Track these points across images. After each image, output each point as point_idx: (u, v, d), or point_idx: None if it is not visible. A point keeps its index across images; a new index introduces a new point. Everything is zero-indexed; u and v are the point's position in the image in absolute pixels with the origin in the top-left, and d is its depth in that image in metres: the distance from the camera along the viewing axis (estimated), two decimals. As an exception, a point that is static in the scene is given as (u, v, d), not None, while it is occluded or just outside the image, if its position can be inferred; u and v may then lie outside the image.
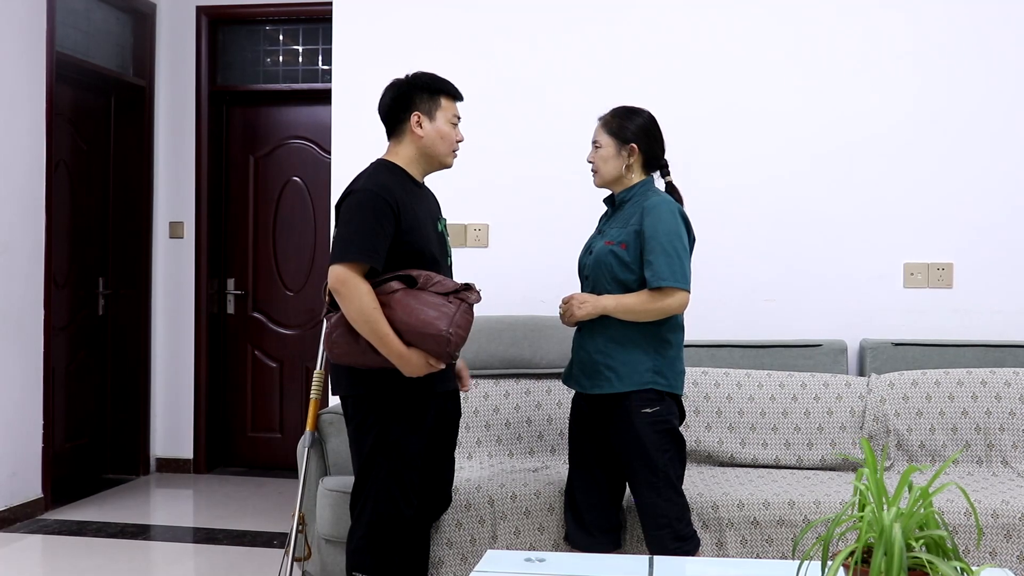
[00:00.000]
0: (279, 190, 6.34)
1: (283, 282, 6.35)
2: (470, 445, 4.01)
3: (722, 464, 3.97)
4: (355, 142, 4.62)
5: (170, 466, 6.31)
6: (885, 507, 1.90)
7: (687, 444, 3.92)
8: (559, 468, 3.81)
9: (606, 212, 3.46)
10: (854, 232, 4.42)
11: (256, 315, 6.39)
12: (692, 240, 3.26)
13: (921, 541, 1.91)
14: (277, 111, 6.41)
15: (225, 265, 6.43)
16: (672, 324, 3.24)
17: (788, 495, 3.48)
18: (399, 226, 3.04)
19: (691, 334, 4.33)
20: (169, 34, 6.31)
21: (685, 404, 3.99)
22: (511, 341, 4.16)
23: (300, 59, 6.33)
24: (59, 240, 5.56)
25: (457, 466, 3.81)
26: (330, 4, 4.79)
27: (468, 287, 3.10)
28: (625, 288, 3.18)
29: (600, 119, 3.36)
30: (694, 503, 3.44)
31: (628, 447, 3.18)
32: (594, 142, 3.34)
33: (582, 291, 3.34)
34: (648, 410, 3.15)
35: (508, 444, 4.03)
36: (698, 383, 4.07)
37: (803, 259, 4.45)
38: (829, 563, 1.86)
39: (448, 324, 2.96)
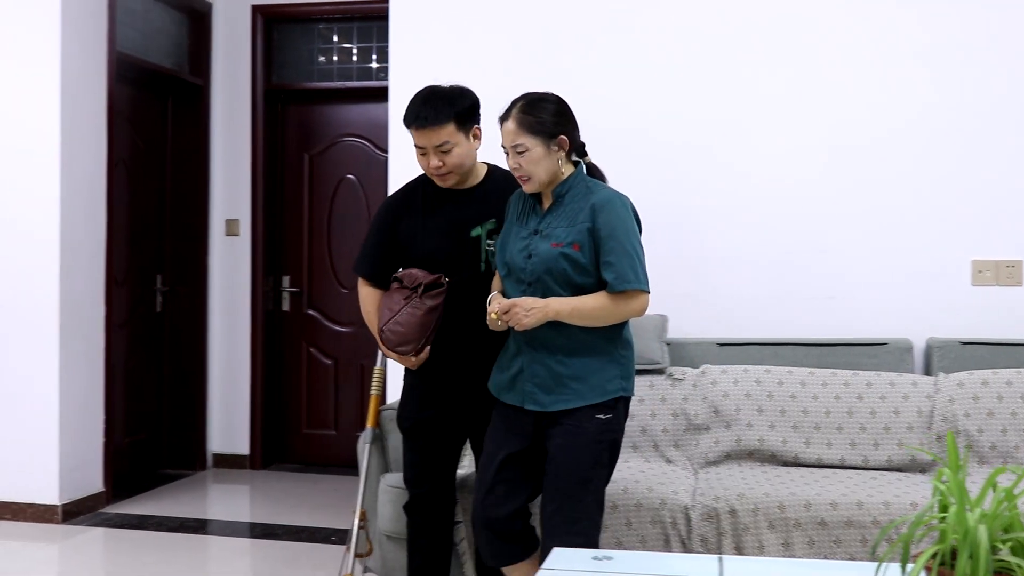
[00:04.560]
0: (333, 188, 6.37)
1: (338, 280, 6.37)
2: (530, 443, 3.99)
3: (786, 464, 3.91)
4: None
5: (226, 462, 6.36)
6: (968, 508, 1.85)
7: (750, 443, 3.90)
8: (620, 466, 3.75)
9: (527, 206, 3.07)
10: (919, 228, 4.34)
11: (311, 312, 6.42)
12: (640, 232, 3.03)
13: (1008, 543, 1.86)
14: (331, 109, 6.43)
15: (280, 263, 6.47)
16: (628, 324, 3.05)
17: (856, 496, 3.42)
18: (397, 235, 3.28)
19: (753, 332, 4.33)
20: (225, 33, 6.37)
21: (748, 403, 3.96)
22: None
23: (354, 57, 6.35)
24: (118, 238, 5.62)
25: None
26: (384, 2, 4.79)
27: (430, 284, 3.14)
28: (580, 292, 2.92)
29: (508, 119, 2.97)
30: (760, 503, 3.40)
31: (565, 453, 2.93)
32: (514, 147, 2.94)
33: (511, 296, 2.98)
34: (602, 416, 2.94)
35: (568, 442, 4.00)
36: (761, 381, 4.02)
37: (866, 256, 4.37)
38: (910, 565, 1.82)
39: (384, 322, 3.15)
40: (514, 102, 3.01)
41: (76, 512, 5.08)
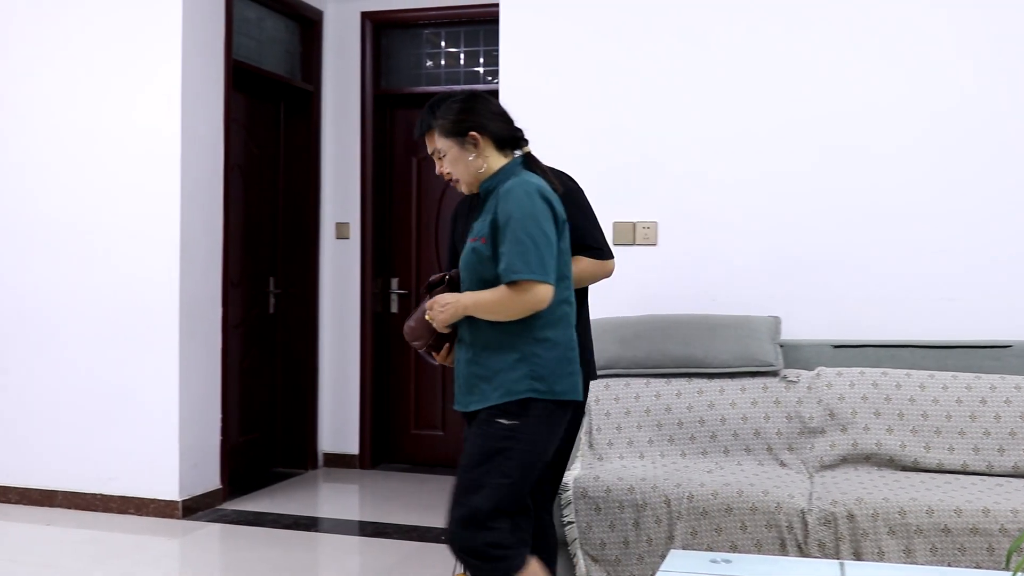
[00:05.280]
0: (441, 191, 6.43)
1: (445, 282, 6.42)
2: (642, 444, 3.98)
3: (905, 468, 3.82)
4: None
5: (337, 461, 6.47)
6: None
7: (867, 447, 3.82)
8: (733, 469, 3.74)
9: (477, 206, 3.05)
10: (1045, 227, 4.20)
11: (419, 314, 6.49)
12: (561, 222, 2.83)
13: None
14: (438, 113, 6.48)
15: (389, 265, 6.56)
16: (548, 319, 2.81)
17: (981, 502, 3.32)
18: (455, 240, 3.37)
19: (869, 334, 4.24)
20: (335, 40, 6.49)
21: (865, 406, 3.88)
22: (682, 340, 4.11)
23: (461, 61, 6.41)
24: (234, 241, 5.78)
25: (629, 464, 3.79)
26: (491, 6, 4.83)
27: (435, 281, 3.11)
28: (491, 286, 2.81)
29: (427, 126, 3.01)
30: (879, 508, 3.33)
31: (467, 451, 2.83)
32: (436, 152, 2.95)
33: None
34: (504, 421, 2.76)
35: (680, 444, 3.98)
36: (878, 384, 3.93)
37: (989, 255, 4.24)
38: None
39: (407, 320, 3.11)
40: (429, 109, 2.99)
41: (195, 508, 5.23)
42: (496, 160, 2.90)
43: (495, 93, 4.88)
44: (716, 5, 4.51)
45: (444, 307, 2.84)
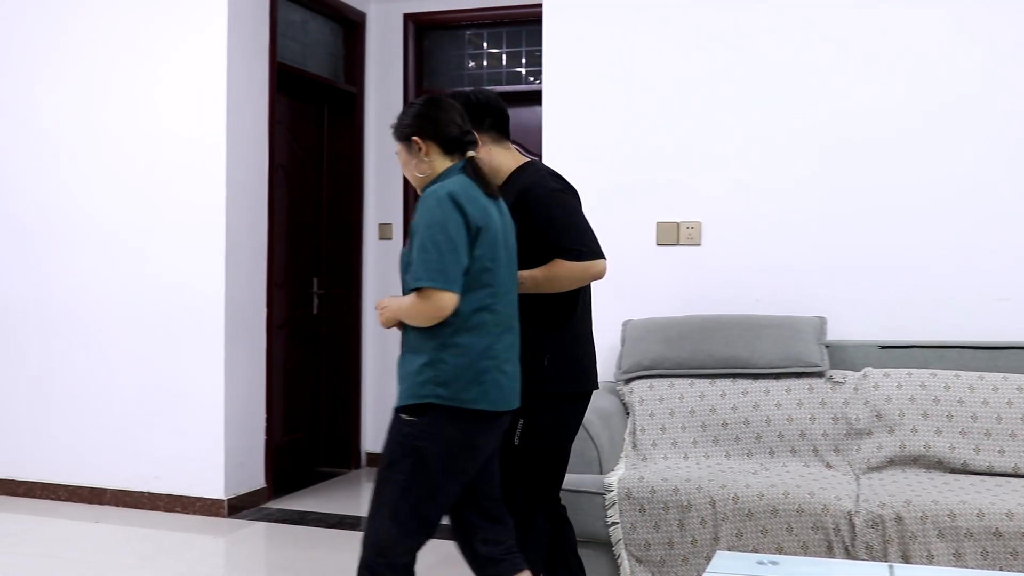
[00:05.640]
0: (483, 191, 6.43)
1: (487, 282, 6.43)
2: (686, 445, 3.96)
3: (954, 471, 3.77)
4: (566, 142, 4.64)
5: (379, 461, 6.48)
6: None
7: (915, 448, 3.78)
8: (779, 470, 3.71)
9: None
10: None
11: (461, 314, 6.50)
12: (475, 228, 2.73)
13: None
14: (480, 114, 6.49)
15: (431, 265, 6.57)
16: (460, 326, 2.74)
17: (1033, 505, 3.27)
18: None
19: (916, 334, 4.19)
20: (378, 41, 6.52)
21: (912, 407, 3.83)
22: (726, 341, 4.08)
23: (503, 62, 6.41)
24: (278, 242, 5.82)
25: (673, 464, 3.78)
26: (534, 7, 4.83)
27: None
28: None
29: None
30: (928, 510, 3.29)
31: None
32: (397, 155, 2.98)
33: None
34: (406, 416, 2.75)
35: (725, 445, 3.96)
36: (926, 385, 3.89)
37: (1040, 255, 4.18)
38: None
39: None
40: None
41: (240, 507, 5.28)
42: (441, 165, 2.87)
43: (538, 94, 4.89)
44: (762, 9, 4.48)
45: (382, 310, 2.85)
